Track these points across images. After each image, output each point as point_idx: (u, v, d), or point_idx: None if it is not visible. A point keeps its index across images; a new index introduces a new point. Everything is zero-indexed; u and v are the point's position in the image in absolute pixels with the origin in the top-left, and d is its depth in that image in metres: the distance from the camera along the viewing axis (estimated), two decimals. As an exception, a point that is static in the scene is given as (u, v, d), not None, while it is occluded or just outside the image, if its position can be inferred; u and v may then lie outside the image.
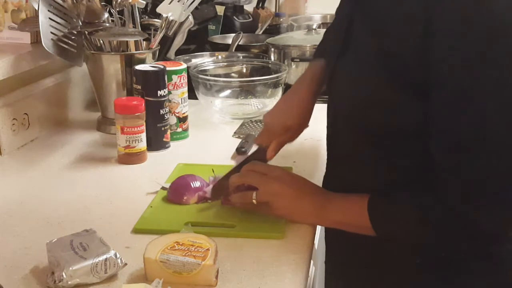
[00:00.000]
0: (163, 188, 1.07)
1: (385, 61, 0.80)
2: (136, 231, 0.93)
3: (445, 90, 0.76)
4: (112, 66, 1.38)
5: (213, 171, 1.10)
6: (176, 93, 1.33)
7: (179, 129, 1.36)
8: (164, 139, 1.30)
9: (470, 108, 0.75)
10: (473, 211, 0.79)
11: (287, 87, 1.56)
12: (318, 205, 0.93)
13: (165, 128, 1.30)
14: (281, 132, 1.05)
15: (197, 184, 1.03)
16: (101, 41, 1.39)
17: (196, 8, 1.53)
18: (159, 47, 1.46)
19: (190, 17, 1.54)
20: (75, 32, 1.33)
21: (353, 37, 0.88)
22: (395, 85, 0.80)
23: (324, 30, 1.82)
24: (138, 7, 1.45)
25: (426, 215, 0.82)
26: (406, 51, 0.77)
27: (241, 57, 1.79)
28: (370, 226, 0.86)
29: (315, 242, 1.01)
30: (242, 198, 0.96)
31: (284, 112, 1.07)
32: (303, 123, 1.07)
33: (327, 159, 1.03)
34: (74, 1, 1.33)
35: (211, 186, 1.04)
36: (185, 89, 1.36)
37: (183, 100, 1.35)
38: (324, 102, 1.00)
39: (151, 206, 1.01)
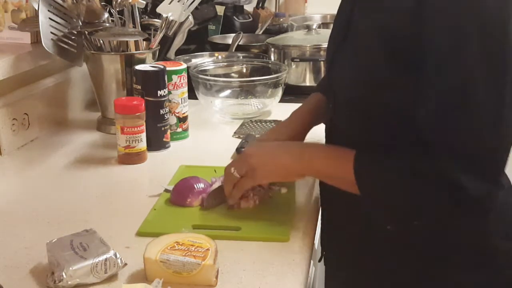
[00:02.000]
0: (166, 190, 1.06)
1: (383, 38, 0.81)
2: (140, 234, 0.93)
3: (432, 58, 0.77)
4: (112, 66, 1.38)
5: (215, 171, 1.10)
6: (176, 93, 1.33)
7: (179, 129, 1.36)
8: (164, 139, 1.30)
9: (455, 73, 0.76)
10: (456, 172, 0.78)
11: (287, 87, 1.57)
12: (296, 153, 0.94)
13: (165, 128, 1.30)
14: None
15: (200, 186, 1.03)
16: (101, 41, 1.39)
17: (196, 8, 1.53)
18: (159, 47, 1.46)
19: (190, 17, 1.54)
20: (75, 32, 1.33)
21: (353, 23, 0.88)
22: (394, 63, 0.81)
23: (324, 30, 1.83)
24: (138, 7, 1.45)
25: (413, 173, 0.81)
26: (401, 25, 0.79)
27: (241, 57, 1.79)
28: (353, 180, 0.85)
29: (315, 242, 1.01)
30: (228, 181, 0.97)
31: (276, 132, 1.09)
32: None
33: None
34: (74, 1, 1.33)
35: (213, 186, 1.04)
36: (185, 89, 1.36)
37: (183, 100, 1.35)
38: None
39: (154, 209, 1.00)
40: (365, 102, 0.86)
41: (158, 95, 1.27)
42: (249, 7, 2.34)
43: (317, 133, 1.11)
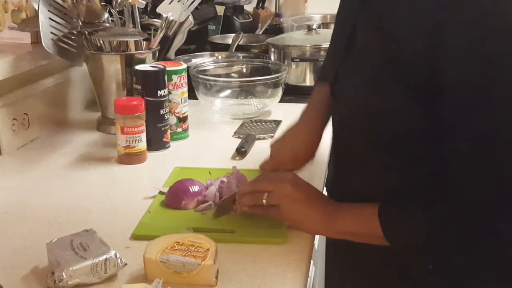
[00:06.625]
0: (161, 192, 1.06)
1: (392, 66, 0.80)
2: (135, 237, 0.92)
3: (457, 93, 0.75)
4: (112, 66, 1.38)
5: (210, 173, 1.10)
6: (176, 93, 1.33)
7: (179, 129, 1.36)
8: (164, 139, 1.30)
9: (483, 111, 0.74)
10: (491, 215, 0.77)
11: (287, 87, 1.57)
12: (327, 215, 0.90)
13: (165, 128, 1.30)
14: (288, 161, 1.02)
15: (195, 188, 1.02)
16: (101, 41, 1.39)
17: (196, 8, 1.53)
18: (159, 47, 1.46)
19: (190, 17, 1.54)
20: (75, 32, 1.33)
21: (356, 43, 0.87)
22: (402, 90, 0.79)
23: (324, 30, 1.83)
24: (138, 7, 1.45)
25: (441, 220, 0.81)
26: (415, 55, 0.77)
27: (241, 57, 1.79)
28: (381, 235, 0.84)
29: (315, 242, 1.01)
30: (252, 199, 0.93)
31: (292, 141, 1.05)
32: (310, 154, 1.05)
33: (334, 163, 1.02)
34: (74, 1, 1.33)
35: (210, 188, 1.03)
36: (185, 89, 1.36)
37: (183, 100, 1.35)
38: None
39: (149, 212, 1.00)
40: (369, 124, 0.85)
41: (158, 95, 1.27)
42: (249, 7, 2.34)
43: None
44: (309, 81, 1.69)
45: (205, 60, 1.74)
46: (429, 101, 0.78)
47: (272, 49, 1.74)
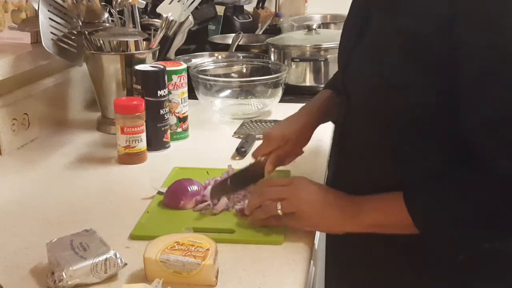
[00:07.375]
0: (159, 192, 1.06)
1: (406, 41, 0.80)
2: (133, 237, 0.92)
3: (472, 68, 0.76)
4: (112, 66, 1.38)
5: (207, 173, 1.10)
6: (176, 93, 1.33)
7: (179, 129, 1.36)
8: (164, 139, 1.30)
9: (499, 83, 0.75)
10: None
11: (287, 87, 1.57)
12: (349, 211, 0.88)
13: (165, 128, 1.30)
14: (279, 142, 1.02)
15: (194, 188, 1.02)
16: (101, 41, 1.39)
17: (196, 8, 1.53)
18: (159, 47, 1.46)
19: (190, 17, 1.54)
20: (75, 32, 1.33)
21: (370, 23, 0.87)
22: (416, 65, 0.80)
23: (324, 30, 1.83)
24: (138, 7, 1.45)
25: (476, 194, 0.79)
26: (430, 31, 0.77)
27: (241, 57, 1.79)
28: (410, 223, 0.82)
29: (315, 242, 1.01)
30: (265, 212, 0.91)
31: (283, 125, 1.06)
32: (300, 141, 1.04)
33: (337, 157, 1.01)
34: (74, 1, 1.33)
35: (208, 188, 1.03)
36: (185, 89, 1.36)
37: (183, 100, 1.35)
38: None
39: (147, 212, 1.00)
40: (383, 105, 0.85)
41: (158, 95, 1.27)
42: (249, 7, 2.33)
43: (318, 133, 1.10)
44: (309, 81, 1.69)
45: (205, 60, 1.74)
46: (444, 76, 0.78)
47: (272, 49, 1.74)
